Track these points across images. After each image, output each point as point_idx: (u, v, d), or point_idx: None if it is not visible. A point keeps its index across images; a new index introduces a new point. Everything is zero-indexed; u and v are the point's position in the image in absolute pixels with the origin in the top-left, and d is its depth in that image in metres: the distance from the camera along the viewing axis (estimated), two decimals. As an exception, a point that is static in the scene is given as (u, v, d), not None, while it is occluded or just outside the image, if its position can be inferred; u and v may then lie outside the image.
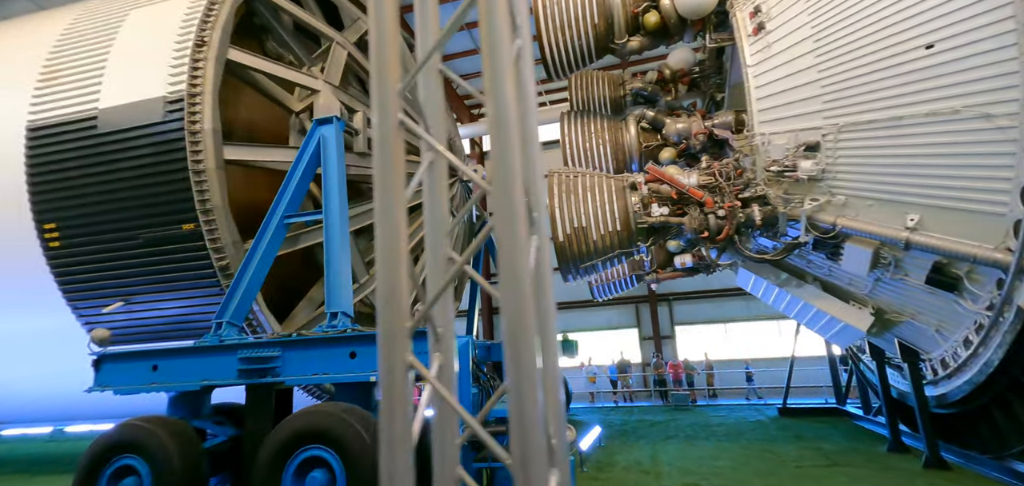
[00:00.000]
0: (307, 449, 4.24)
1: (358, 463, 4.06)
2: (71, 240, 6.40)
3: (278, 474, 4.24)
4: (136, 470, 4.59)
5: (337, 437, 4.13)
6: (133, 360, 5.26)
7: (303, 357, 4.84)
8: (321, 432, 4.19)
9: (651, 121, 8.15)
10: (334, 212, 5.84)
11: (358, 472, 4.04)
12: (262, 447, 4.35)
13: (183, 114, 6.06)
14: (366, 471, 4.04)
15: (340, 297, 5.32)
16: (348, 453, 4.09)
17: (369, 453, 4.06)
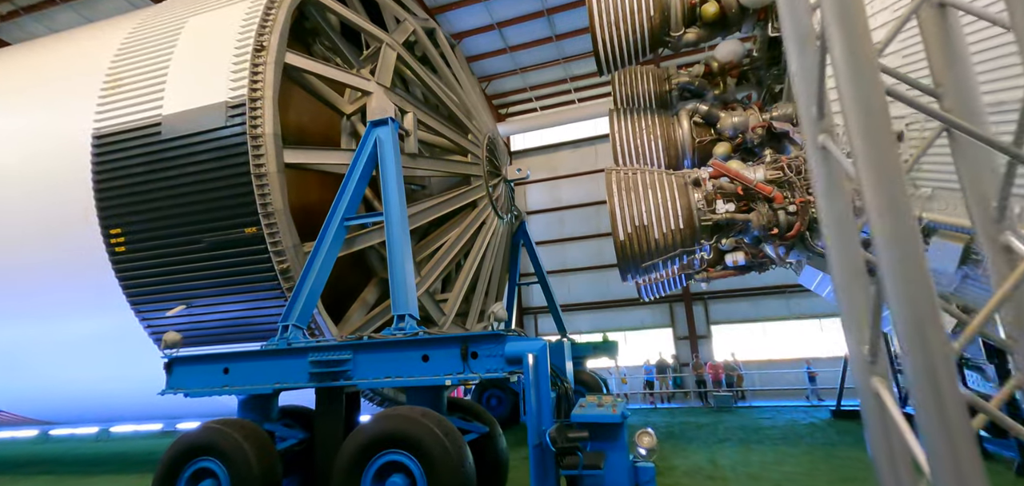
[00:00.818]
0: (386, 453, 4.20)
1: (440, 469, 4.00)
2: (136, 245, 6.52)
3: (357, 479, 4.21)
4: (214, 473, 4.62)
5: (418, 442, 4.08)
6: (205, 363, 5.30)
7: (374, 360, 4.81)
8: (401, 436, 4.14)
9: (704, 115, 7.96)
10: (395, 214, 5.81)
11: (440, 478, 3.98)
12: (340, 451, 4.32)
13: (245, 119, 6.11)
14: (448, 477, 3.98)
15: (406, 299, 5.28)
16: (429, 458, 4.03)
17: (452, 459, 4.00)
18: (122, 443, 14.60)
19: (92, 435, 16.54)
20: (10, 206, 6.85)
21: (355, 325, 7.06)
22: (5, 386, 8.09)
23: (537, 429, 4.04)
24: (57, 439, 16.60)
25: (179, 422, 12.65)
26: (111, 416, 8.60)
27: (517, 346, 4.31)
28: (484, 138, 8.97)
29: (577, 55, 18.02)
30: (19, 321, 7.27)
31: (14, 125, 7.10)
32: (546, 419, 4.08)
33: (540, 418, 4.09)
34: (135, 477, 9.05)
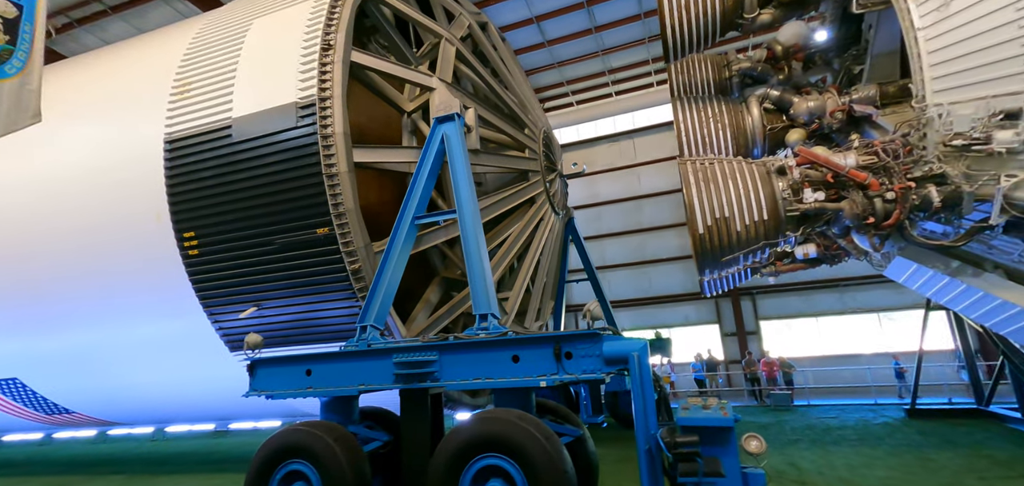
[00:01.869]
0: (484, 457, 4.06)
1: (543, 475, 3.83)
2: (208, 248, 6.58)
3: (453, 482, 4.09)
4: (306, 476, 4.57)
5: (518, 446, 3.93)
6: (288, 365, 5.28)
7: (462, 361, 4.68)
8: (500, 440, 4.00)
9: (776, 101, 7.59)
10: (467, 210, 5.68)
11: (543, 485, 3.82)
12: (436, 453, 4.21)
13: (315, 119, 6.07)
14: (552, 484, 3.81)
15: (487, 298, 5.15)
16: (531, 464, 3.87)
17: (555, 465, 3.83)
18: (176, 443, 15.00)
19: (148, 435, 17.05)
20: (86, 213, 7.00)
21: (421, 326, 6.98)
22: (76, 387, 8.33)
23: (645, 433, 3.84)
24: (115, 439, 17.17)
25: (231, 422, 12.93)
26: (179, 417, 8.78)
27: (618, 346, 4.12)
28: (540, 133, 8.80)
29: (616, 46, 17.65)
30: (93, 325, 7.44)
31: (87, 134, 7.25)
32: (653, 422, 3.87)
33: (647, 421, 3.88)
34: (200, 477, 9.23)
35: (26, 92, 4.18)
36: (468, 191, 5.78)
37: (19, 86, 4.15)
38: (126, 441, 16.55)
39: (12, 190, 7.40)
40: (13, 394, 8.68)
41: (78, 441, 16.95)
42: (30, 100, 4.20)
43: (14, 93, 4.11)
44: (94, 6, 14.73)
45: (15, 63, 4.16)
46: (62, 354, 7.83)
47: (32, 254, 7.29)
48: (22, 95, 4.15)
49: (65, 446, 16.25)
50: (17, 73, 4.16)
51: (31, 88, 4.21)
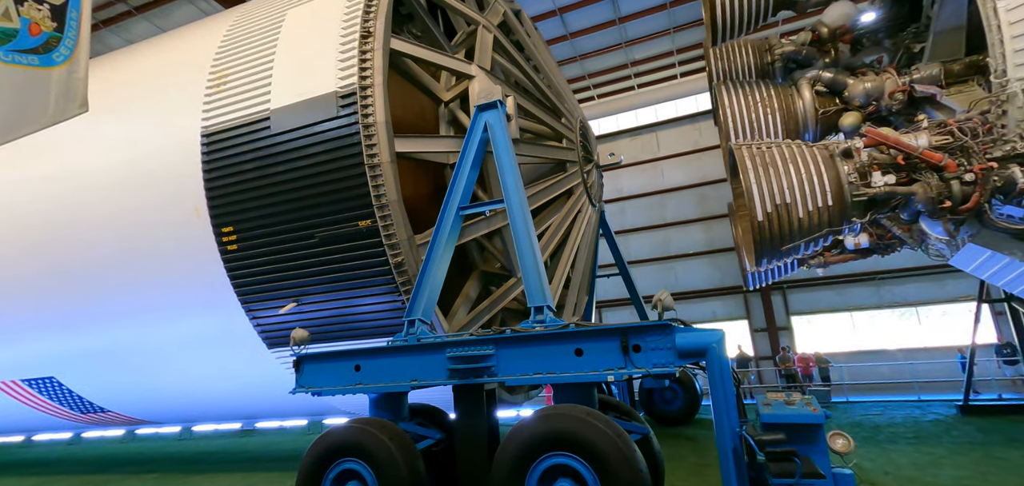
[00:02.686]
0: (551, 457, 3.84)
1: (617, 476, 3.60)
2: (248, 242, 6.45)
3: (519, 483, 3.88)
4: (360, 475, 4.40)
5: (589, 444, 3.70)
6: (335, 360, 5.12)
7: (520, 355, 4.47)
8: (569, 438, 3.77)
9: (828, 83, 7.26)
10: (516, 200, 5.47)
11: (618, 485, 3.59)
12: (500, 452, 4.00)
13: (356, 108, 5.91)
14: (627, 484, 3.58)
15: (542, 290, 4.92)
16: (604, 464, 3.63)
17: (629, 465, 3.60)
18: (204, 442, 15.01)
19: (175, 434, 17.10)
20: (123, 208, 6.92)
21: (462, 321, 6.78)
22: (112, 386, 8.28)
23: (728, 432, 3.59)
24: (142, 438, 17.25)
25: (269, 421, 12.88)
26: (214, 415, 8.70)
27: (693, 337, 3.87)
28: (576, 122, 8.56)
29: (640, 38, 17.33)
30: (129, 322, 7.37)
31: (123, 129, 7.17)
32: (735, 420, 3.62)
33: (728, 418, 3.63)
34: (234, 476, 9.16)
35: (74, 80, 4.05)
36: (515, 180, 5.57)
37: (67, 74, 4.01)
38: (154, 440, 16.61)
39: (49, 186, 7.34)
40: (49, 393, 8.67)
41: (106, 440, 17.07)
42: (78, 88, 4.07)
43: (63, 81, 3.98)
44: (119, 7, 14.81)
45: (62, 50, 4.03)
46: (98, 352, 7.78)
47: (69, 251, 7.23)
48: (70, 83, 4.02)
49: (94, 445, 16.37)
50: (65, 61, 4.03)
51: (78, 76, 4.08)
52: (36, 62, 3.84)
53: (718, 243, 18.81)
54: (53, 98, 3.91)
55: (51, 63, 3.95)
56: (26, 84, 3.77)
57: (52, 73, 3.93)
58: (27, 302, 7.58)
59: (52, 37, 3.98)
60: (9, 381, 8.53)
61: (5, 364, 8.27)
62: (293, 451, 11.04)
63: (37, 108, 3.79)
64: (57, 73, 3.96)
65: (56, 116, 3.93)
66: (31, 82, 3.80)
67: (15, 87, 3.71)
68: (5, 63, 3.66)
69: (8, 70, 3.68)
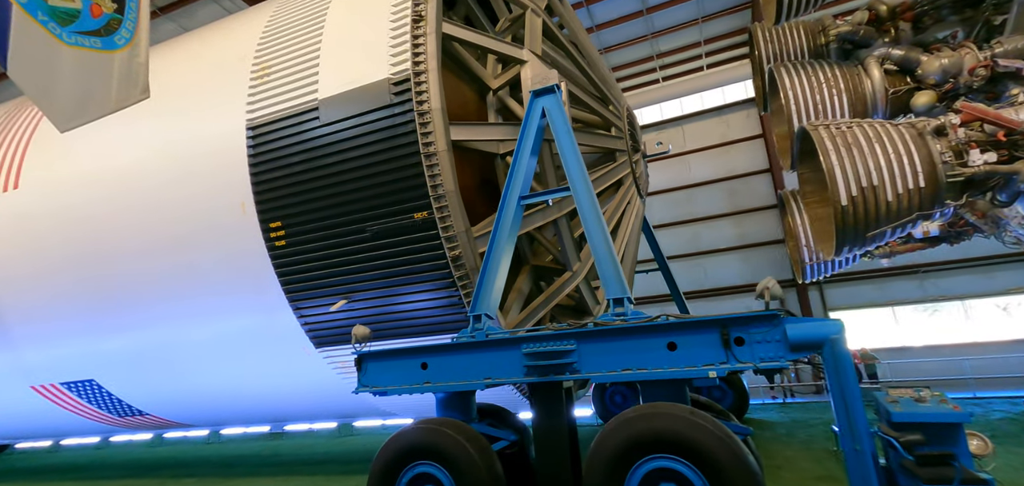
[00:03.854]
0: (652, 459, 3.54)
1: (732, 482, 3.28)
2: (296, 238, 6.22)
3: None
4: (437, 480, 4.13)
5: (697, 446, 3.39)
6: (400, 358, 4.85)
7: (605, 350, 4.17)
8: (673, 439, 3.47)
9: (899, 61, 6.86)
10: (582, 186, 5.18)
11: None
12: (594, 452, 3.70)
13: (410, 95, 5.65)
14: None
15: (618, 281, 4.62)
16: (716, 468, 3.32)
17: (745, 470, 3.28)
18: (232, 445, 14.88)
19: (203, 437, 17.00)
20: (166, 206, 6.73)
21: (516, 318, 6.50)
22: (151, 388, 8.11)
23: (853, 432, 3.26)
24: (170, 441, 17.17)
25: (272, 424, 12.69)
26: (256, 417, 8.50)
27: (807, 328, 3.54)
28: (624, 110, 8.25)
29: (667, 29, 16.95)
30: (171, 323, 7.18)
31: (164, 124, 6.97)
32: (862, 419, 3.29)
33: (853, 417, 3.30)
34: (274, 480, 8.97)
35: (136, 65, 3.84)
36: (579, 166, 5.28)
37: (128, 58, 3.80)
38: (181, 444, 16.53)
39: (90, 185, 7.19)
40: (88, 396, 8.54)
41: (134, 445, 17.03)
42: (139, 74, 3.86)
43: (124, 66, 3.77)
44: (146, 9, 14.77)
45: (123, 33, 3.82)
46: (139, 354, 7.61)
47: (112, 251, 7.07)
48: (132, 68, 3.81)
49: (122, 449, 16.33)
50: (126, 44, 3.82)
51: (140, 61, 3.87)
52: (98, 45, 3.63)
53: (749, 238, 18.35)
54: (116, 83, 3.70)
55: (113, 46, 3.74)
56: (90, 68, 3.56)
57: (114, 57, 3.72)
58: (69, 303, 7.44)
59: (112, 19, 3.76)
60: (49, 385, 8.41)
61: (45, 367, 8.15)
62: (325, 454, 10.85)
63: (101, 93, 3.58)
64: (119, 57, 3.75)
65: (119, 102, 3.72)
66: (95, 66, 3.59)
67: (80, 71, 3.50)
68: (68, 45, 3.45)
69: (72, 52, 3.47)
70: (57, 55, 3.38)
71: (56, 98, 3.31)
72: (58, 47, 3.36)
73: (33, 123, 8.13)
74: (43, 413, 9.05)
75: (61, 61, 3.40)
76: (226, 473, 10.04)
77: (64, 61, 3.43)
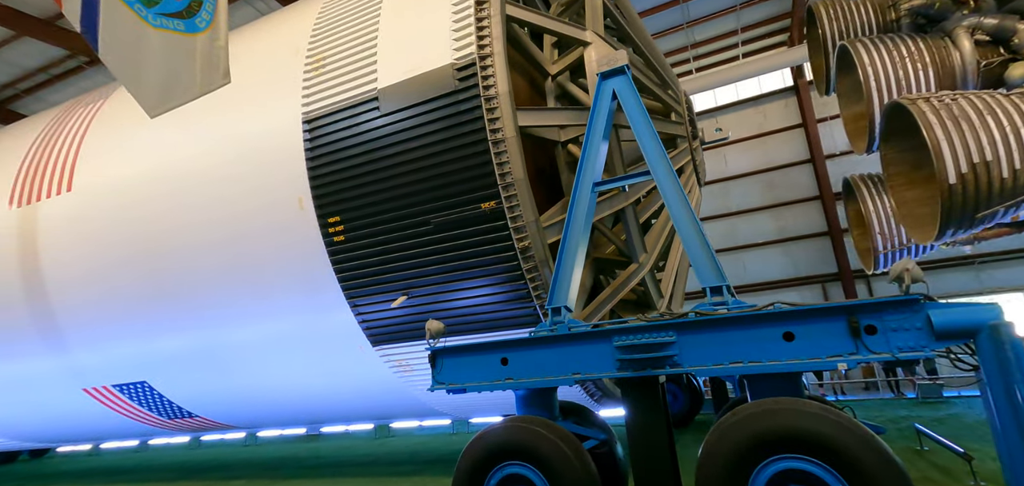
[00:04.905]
0: (782, 459, 3.21)
1: (878, 485, 2.94)
2: (355, 233, 6.03)
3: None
4: (529, 481, 3.86)
5: (839, 447, 3.04)
6: (479, 354, 4.60)
7: (709, 341, 3.85)
8: (806, 437, 3.13)
9: (991, 30, 6.38)
10: (663, 169, 4.88)
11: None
12: (710, 454, 3.39)
13: (476, 80, 5.41)
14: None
15: (716, 268, 4.30)
16: (859, 473, 2.97)
17: (893, 474, 2.93)
18: (268, 448, 14.87)
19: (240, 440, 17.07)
20: (222, 203, 6.61)
21: (581, 313, 6.19)
22: (203, 390, 8.02)
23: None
24: (208, 444, 17.28)
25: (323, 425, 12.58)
26: (306, 419, 8.36)
27: (957, 314, 3.18)
28: (682, 96, 7.90)
29: (703, 18, 16.49)
30: (225, 324, 7.06)
31: (218, 120, 6.85)
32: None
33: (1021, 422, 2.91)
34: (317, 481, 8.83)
35: (216, 48, 3.67)
36: (659, 149, 4.98)
37: (210, 41, 3.63)
38: (220, 446, 16.62)
39: (143, 185, 7.12)
40: (139, 398, 8.50)
41: (173, 447, 17.18)
42: (220, 58, 3.68)
43: (206, 49, 3.60)
44: (182, 14, 14.88)
45: (204, 16, 3.64)
46: (191, 355, 7.52)
47: (166, 251, 6.98)
48: (213, 52, 3.64)
49: (161, 452, 16.47)
50: (206, 27, 3.65)
51: (220, 45, 3.70)
52: (181, 27, 3.47)
53: (790, 231, 17.74)
54: (199, 67, 3.53)
55: (195, 29, 3.57)
56: (175, 51, 3.40)
57: (196, 40, 3.56)
58: (123, 304, 7.38)
59: (193, 1, 3.59)
60: (101, 387, 8.39)
61: (98, 369, 8.12)
62: (367, 456, 10.70)
63: (186, 77, 3.42)
64: (201, 40, 3.58)
65: (203, 86, 3.55)
66: (179, 49, 3.43)
67: (165, 54, 3.34)
68: (154, 27, 3.29)
69: (158, 35, 3.31)
70: (144, 37, 3.23)
71: (144, 82, 3.16)
72: (145, 29, 3.20)
73: (84, 125, 8.13)
74: (94, 415, 9.06)
75: (148, 44, 3.25)
76: (272, 475, 9.95)
77: (150, 44, 3.27)
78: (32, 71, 16.75)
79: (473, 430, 12.36)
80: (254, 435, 17.16)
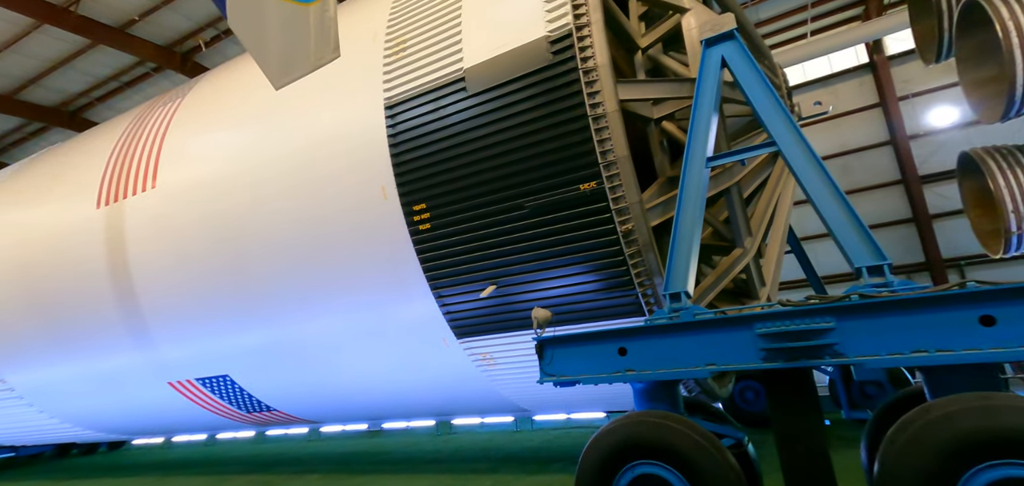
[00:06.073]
0: (997, 466, 2.69)
1: None
2: (441, 221, 5.79)
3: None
4: (666, 482, 3.47)
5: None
6: (592, 343, 4.24)
7: (879, 327, 3.33)
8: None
9: None
10: (791, 139, 4.38)
11: None
12: (895, 454, 2.90)
13: (573, 52, 5.05)
14: None
15: (870, 246, 3.79)
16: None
17: None
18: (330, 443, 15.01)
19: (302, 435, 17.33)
20: (304, 192, 6.52)
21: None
22: (284, 384, 8.02)
23: None
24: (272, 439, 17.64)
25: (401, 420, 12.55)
26: (390, 413, 8.26)
27: None
28: (778, 68, 7.30)
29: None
30: (309, 316, 6.99)
31: (299, 109, 6.79)
32: None
33: None
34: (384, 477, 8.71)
35: (326, 21, 3.47)
36: (783, 116, 4.47)
37: (320, 13, 3.44)
38: (284, 441, 16.93)
39: (226, 178, 7.14)
40: (220, 392, 8.61)
41: (239, 442, 17.67)
42: (330, 30, 3.49)
43: (318, 20, 3.41)
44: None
45: (314, -13, 3.44)
46: (272, 349, 7.51)
47: (249, 243, 6.98)
48: (324, 24, 3.45)
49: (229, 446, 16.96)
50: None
51: (330, 17, 3.50)
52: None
53: (867, 219, 16.28)
54: (313, 40, 3.35)
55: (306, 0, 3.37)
56: (291, 21, 3.24)
57: (309, 11, 3.37)
58: (207, 297, 7.46)
59: (304, -28, 3.40)
60: (185, 380, 8.56)
61: (183, 363, 8.27)
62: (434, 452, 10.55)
63: (302, 49, 3.25)
64: (313, 11, 3.39)
65: (317, 60, 3.37)
66: (294, 19, 3.26)
67: (283, 24, 3.19)
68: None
69: (275, 4, 3.14)
70: (264, 6, 3.06)
71: (269, 52, 3.00)
72: (263, -2, 3.02)
73: (165, 121, 8.29)
74: (176, 408, 9.27)
75: (268, 12, 3.10)
76: (343, 470, 9.93)
77: (270, 12, 3.12)
78: (103, 79, 17.60)
79: (538, 429, 12.05)
80: (317, 430, 17.44)
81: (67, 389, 9.52)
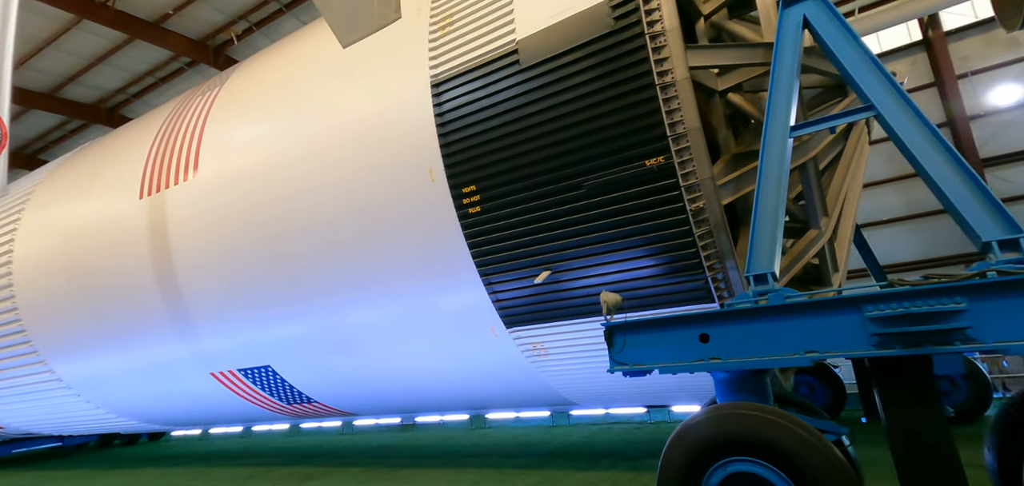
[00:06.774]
0: None
1: None
2: (492, 203, 5.50)
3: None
4: (765, 481, 3.11)
5: None
6: (669, 329, 3.89)
7: (1016, 308, 2.91)
8: None
9: None
10: (892, 102, 3.94)
11: None
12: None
13: (638, 15, 4.68)
14: None
15: (1005, 217, 3.33)
16: None
17: None
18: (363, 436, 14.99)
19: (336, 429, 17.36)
20: (349, 176, 6.31)
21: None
22: (325, 376, 7.87)
23: None
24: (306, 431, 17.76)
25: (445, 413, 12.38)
26: (434, 406, 8.05)
27: None
28: (848, 36, 6.75)
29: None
30: (352, 306, 6.80)
31: (343, 90, 6.57)
32: None
33: None
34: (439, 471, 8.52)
35: (387, -21, 3.18)
36: (881, 77, 4.03)
37: (382, -29, 3.15)
38: (318, 434, 16.99)
39: (268, 164, 6.98)
40: (262, 383, 8.54)
41: (274, 434, 17.84)
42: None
43: (377, -21, 3.12)
44: (272, 5, 15.24)
45: (372, -61, 3.16)
46: (314, 339, 7.36)
47: (292, 231, 6.82)
48: None
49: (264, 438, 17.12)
50: (375, -47, 3.16)
51: None
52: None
53: (920, 206, 15.58)
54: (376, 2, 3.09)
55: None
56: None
57: (374, -29, 3.09)
58: (249, 286, 7.35)
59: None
60: (227, 371, 8.51)
61: (226, 353, 8.22)
62: (473, 446, 10.34)
63: (366, 8, 2.99)
64: (377, -29, 3.12)
65: (380, 20, 3.13)
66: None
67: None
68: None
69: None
70: (329, -37, 2.79)
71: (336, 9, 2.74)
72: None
73: (205, 110, 8.22)
74: (217, 399, 9.26)
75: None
76: (382, 463, 9.81)
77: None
78: (139, 75, 17.90)
79: (574, 424, 11.72)
80: (350, 424, 17.46)
81: (113, 380, 9.61)
